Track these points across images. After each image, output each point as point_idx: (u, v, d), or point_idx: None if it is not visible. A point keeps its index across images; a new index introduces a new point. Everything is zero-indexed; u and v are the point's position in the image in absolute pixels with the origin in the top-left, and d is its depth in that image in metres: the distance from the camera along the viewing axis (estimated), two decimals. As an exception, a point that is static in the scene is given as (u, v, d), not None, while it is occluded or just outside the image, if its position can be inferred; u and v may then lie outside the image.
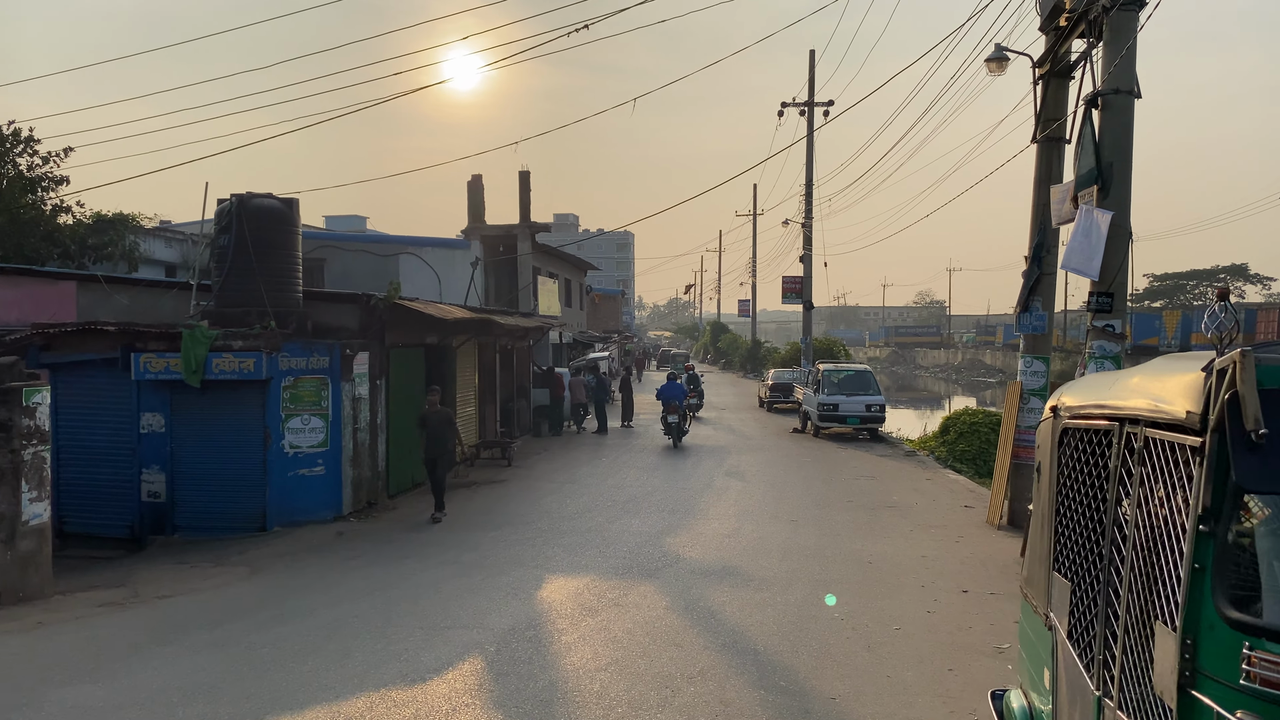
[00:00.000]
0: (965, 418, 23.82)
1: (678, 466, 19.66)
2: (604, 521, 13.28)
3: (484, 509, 14.64)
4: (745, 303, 73.79)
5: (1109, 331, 11.08)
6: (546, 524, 13.16)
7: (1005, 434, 13.72)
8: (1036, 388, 13.43)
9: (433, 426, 13.97)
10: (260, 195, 14.27)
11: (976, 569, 10.53)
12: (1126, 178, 11.07)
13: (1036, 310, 13.44)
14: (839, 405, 25.56)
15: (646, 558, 10.83)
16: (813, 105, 38.79)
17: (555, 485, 16.95)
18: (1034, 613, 3.82)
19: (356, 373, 14.38)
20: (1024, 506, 13.44)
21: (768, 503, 15.14)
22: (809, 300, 38.81)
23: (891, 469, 19.79)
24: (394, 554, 11.41)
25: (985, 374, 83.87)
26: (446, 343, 18.18)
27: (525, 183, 31.79)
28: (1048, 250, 13.38)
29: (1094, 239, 10.99)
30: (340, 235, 31.80)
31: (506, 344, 23.50)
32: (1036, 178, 13.51)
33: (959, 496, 16.12)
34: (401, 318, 15.30)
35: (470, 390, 20.30)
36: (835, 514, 14.17)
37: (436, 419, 14.03)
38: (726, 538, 12.10)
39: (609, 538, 12.04)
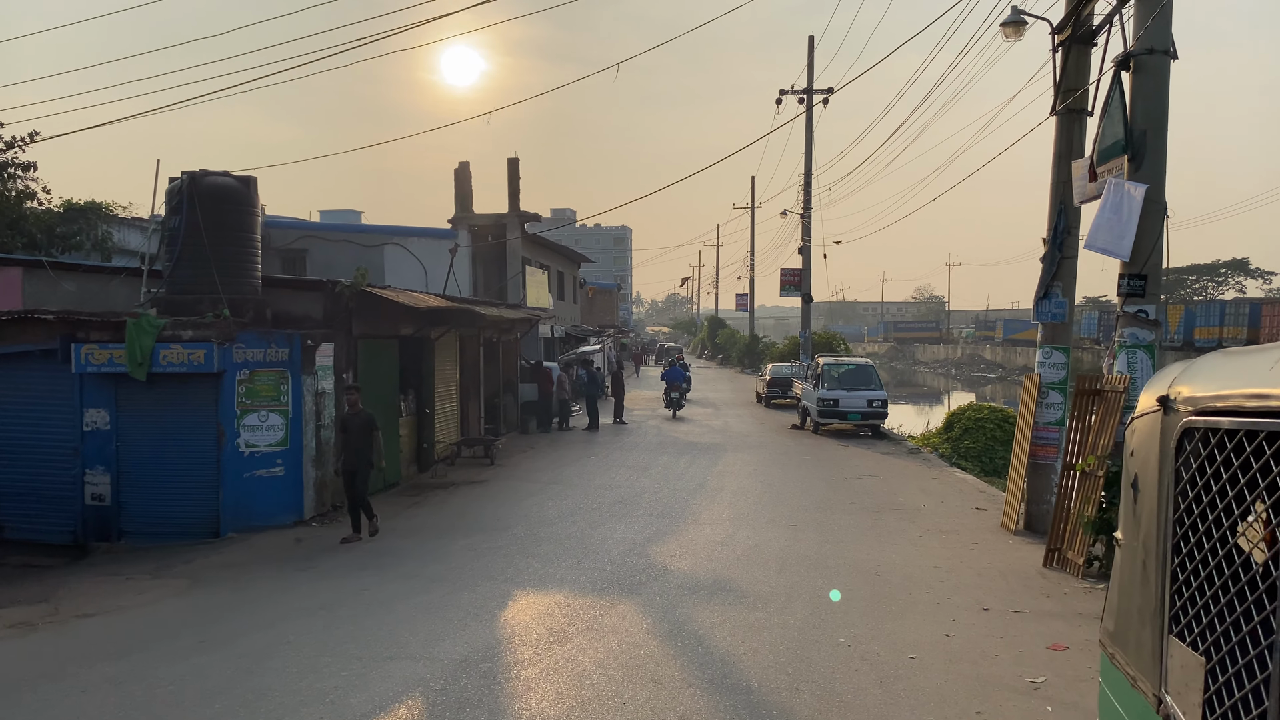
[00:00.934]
0: (970, 413, 22.79)
1: (670, 466, 18.58)
2: (587, 527, 12.20)
3: (458, 512, 13.56)
4: (743, 297, 72.72)
5: (1142, 318, 10.00)
6: (524, 530, 12.09)
7: (1022, 431, 12.65)
8: (1056, 381, 12.36)
9: (352, 432, 11.89)
10: (214, 173, 13.17)
11: (995, 581, 9.46)
12: (1161, 147, 9.99)
13: (1057, 297, 12.36)
14: (839, 401, 24.49)
15: (629, 570, 9.75)
16: (811, 93, 37.65)
17: (538, 486, 15.87)
18: (1130, 687, 2.73)
19: (320, 365, 13.29)
20: (1042, 510, 12.38)
21: (764, 505, 14.07)
22: (808, 293, 37.70)
23: (895, 467, 18.73)
24: (352, 564, 10.33)
25: (985, 369, 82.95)
26: (423, 334, 17.09)
27: (514, 171, 30.72)
28: (1068, 232, 12.29)
29: (1124, 215, 9.91)
30: (322, 225, 30.71)
31: (492, 337, 22.40)
32: (1056, 153, 12.43)
33: (969, 498, 15.06)
34: (371, 306, 14.21)
35: (451, 385, 19.22)
36: (837, 517, 13.10)
37: (357, 423, 11.93)
38: (719, 545, 11.02)
39: (590, 546, 10.96)
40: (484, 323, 20.38)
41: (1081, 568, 9.66)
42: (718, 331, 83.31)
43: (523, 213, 30.32)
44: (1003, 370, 78.66)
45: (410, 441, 16.82)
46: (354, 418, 12.00)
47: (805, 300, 37.96)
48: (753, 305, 67.88)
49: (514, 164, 30.53)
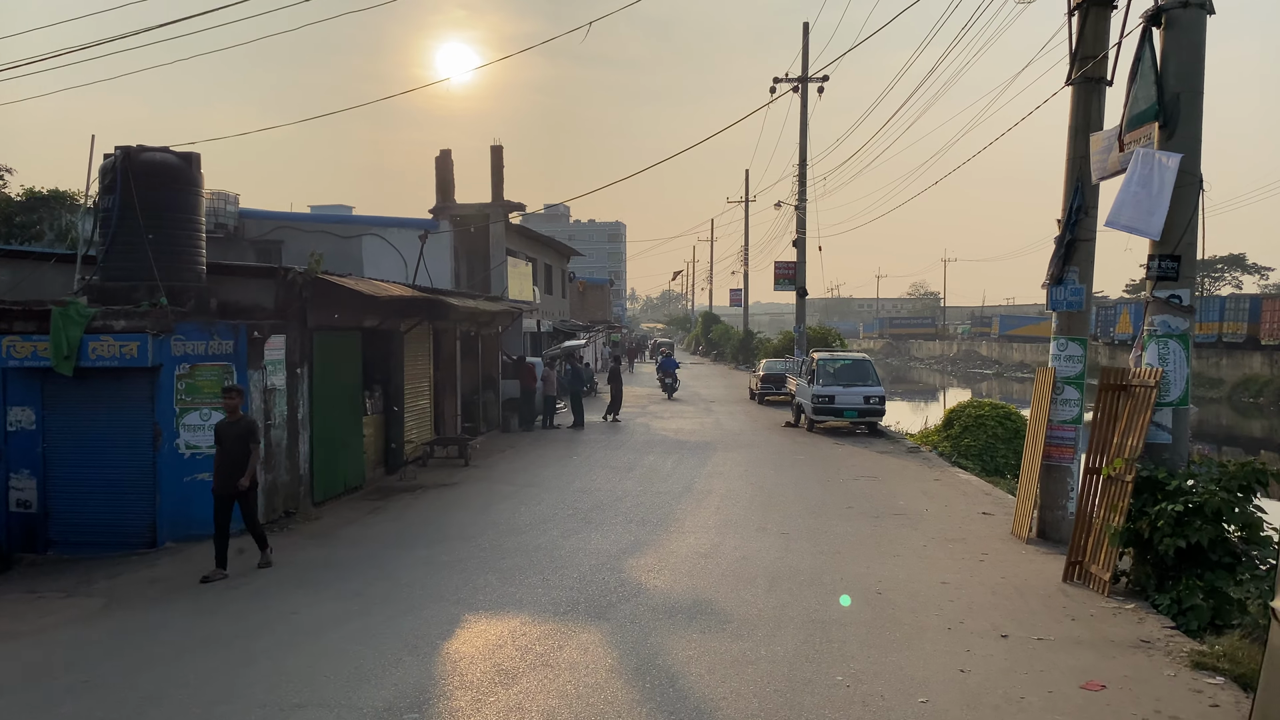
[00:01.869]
0: (970, 410, 21.74)
1: (656, 467, 17.50)
2: (559, 537, 11.11)
3: (421, 520, 12.46)
4: (737, 292, 71.62)
5: (1174, 304, 8.93)
6: (489, 540, 10.99)
7: (1034, 430, 11.59)
8: (1072, 375, 11.29)
9: (228, 444, 9.71)
10: (151, 149, 12.04)
11: (1012, 601, 8.40)
12: (1196, 112, 8.91)
13: (1072, 283, 11.29)
14: (835, 397, 23.41)
15: (599, 588, 8.66)
16: (806, 80, 36.56)
17: (513, 489, 14.78)
18: None
19: (269, 359, 12.18)
20: (1056, 516, 11.32)
21: (755, 510, 13.00)
22: (802, 286, 36.60)
23: (894, 468, 17.67)
24: (291, 580, 9.22)
25: (981, 365, 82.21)
26: (391, 327, 15.98)
27: (498, 159, 29.55)
28: (1085, 212, 11.22)
29: (1155, 188, 8.84)
30: (298, 216, 29.55)
31: (469, 330, 21.29)
32: (1072, 127, 11.36)
33: (974, 501, 14.01)
34: (328, 296, 13.10)
35: (424, 381, 18.11)
36: (833, 524, 12.04)
37: (233, 434, 9.72)
38: (702, 558, 9.94)
39: (559, 559, 9.87)
40: (458, 315, 19.28)
41: (1107, 584, 8.60)
42: (711, 327, 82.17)
43: (507, 202, 29.16)
44: (999, 366, 77.94)
45: (376, 441, 15.72)
46: (230, 427, 9.76)
47: (800, 294, 36.87)
48: (747, 300, 66.76)
49: (498, 151, 29.38)
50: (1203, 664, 6.49)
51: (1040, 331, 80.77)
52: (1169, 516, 8.06)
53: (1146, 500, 8.48)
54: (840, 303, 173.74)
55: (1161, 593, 8.26)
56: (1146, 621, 7.69)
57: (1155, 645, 7.02)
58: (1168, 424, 8.81)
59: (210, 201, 27.85)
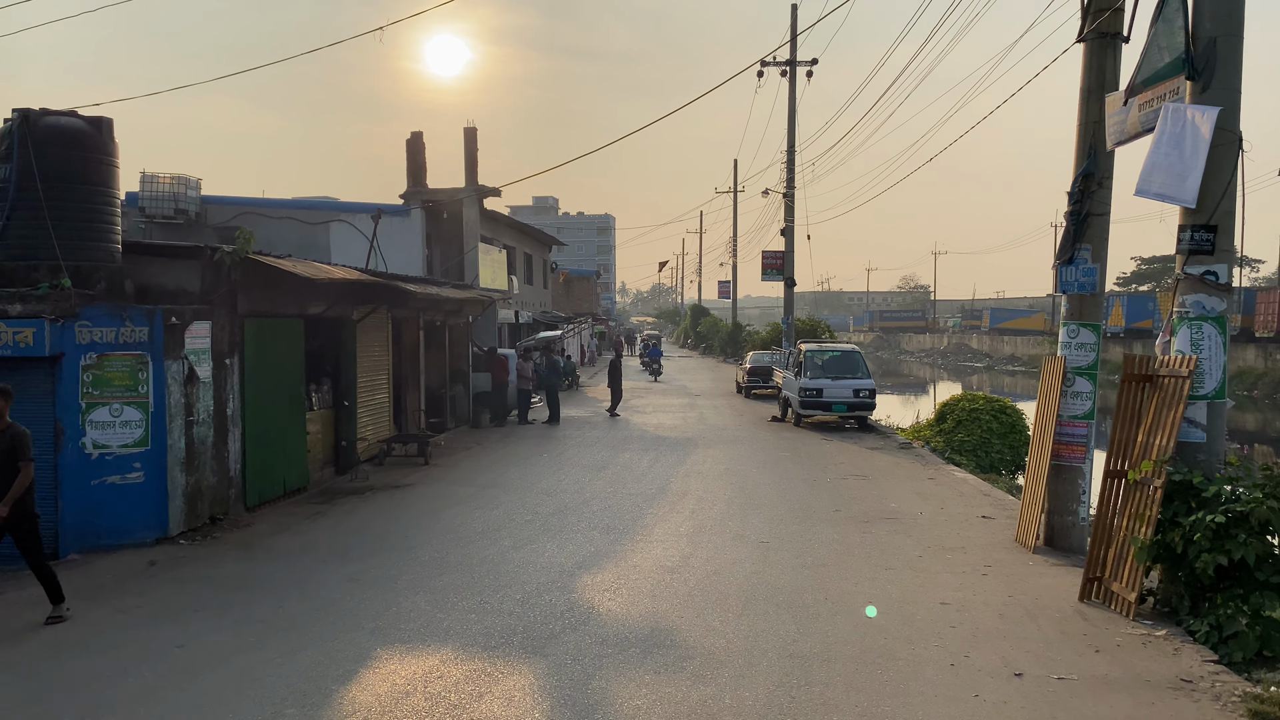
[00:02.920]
0: (964, 404, 20.61)
1: (630, 465, 16.30)
2: (510, 547, 9.89)
3: (361, 527, 11.22)
4: (726, 284, 70.44)
5: (1210, 282, 7.77)
6: (431, 552, 9.77)
7: (1041, 426, 10.43)
8: (1084, 365, 10.13)
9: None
10: (55, 112, 10.74)
11: (1024, 626, 7.23)
12: (1236, 58, 7.73)
13: (1084, 262, 10.13)
14: (823, 390, 22.24)
15: (543, 613, 7.45)
16: (794, 64, 35.40)
17: (471, 491, 13.55)
18: None
19: (191, 348, 10.91)
20: (1067, 522, 10.17)
21: (733, 514, 11.81)
22: (790, 276, 35.46)
23: (885, 465, 16.51)
24: (191, 602, 7.98)
25: (972, 358, 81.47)
26: (342, 314, 14.72)
27: (472, 141, 28.18)
28: (1099, 182, 10.05)
29: (1188, 149, 7.67)
30: (262, 201, 28.12)
31: (435, 319, 20.03)
32: (1084, 88, 10.18)
33: (972, 502, 12.85)
34: (262, 278, 11.83)
35: (381, 374, 16.85)
36: (819, 530, 10.86)
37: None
38: (669, 573, 8.74)
39: (504, 576, 8.65)
40: (420, 302, 18.02)
41: (1133, 605, 7.44)
42: (700, 320, 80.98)
43: (481, 187, 27.83)
44: (990, 359, 77.17)
45: (324, 439, 14.45)
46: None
47: (788, 284, 35.74)
48: (735, 292, 65.61)
49: (471, 134, 28.03)
50: (1263, 714, 5.33)
51: (1031, 325, 79.95)
52: (1207, 528, 6.91)
53: (1179, 508, 7.33)
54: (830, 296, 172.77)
55: (1197, 617, 7.11)
56: (1183, 653, 6.54)
57: (1199, 687, 5.86)
58: (1202, 420, 7.65)
59: (170, 187, 26.49)
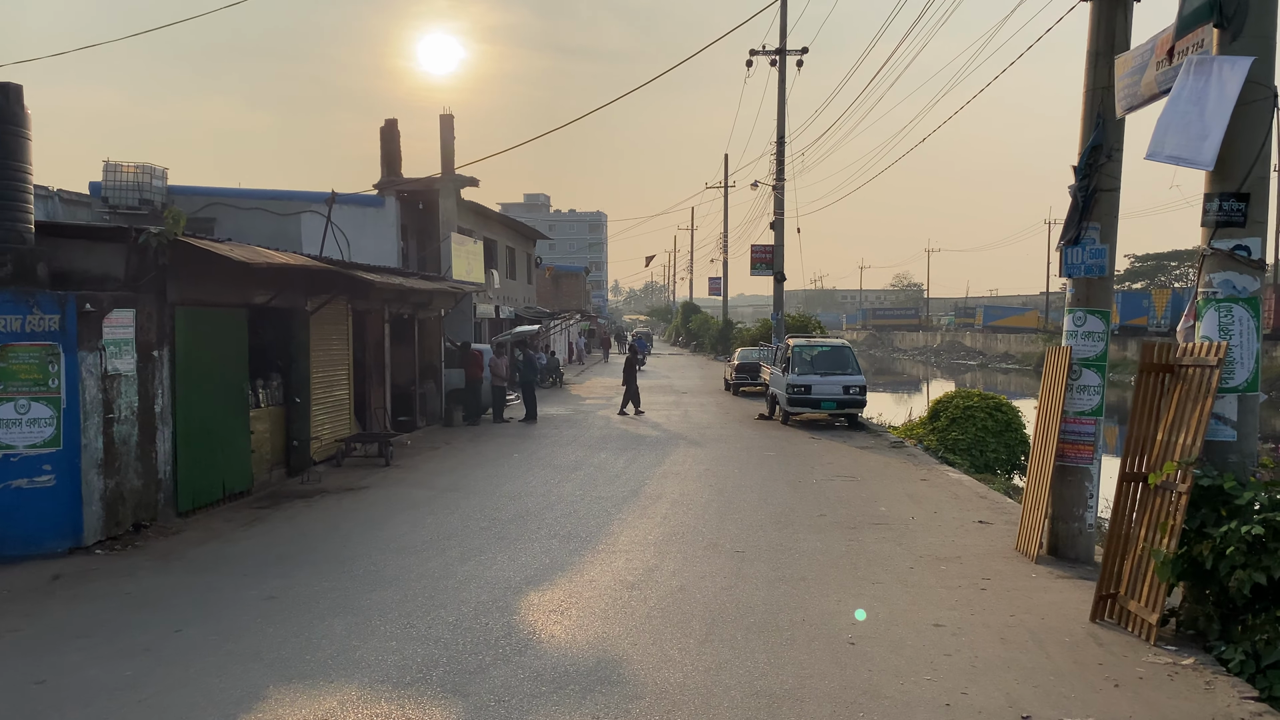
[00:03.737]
0: (958, 401, 19.72)
1: (605, 466, 15.34)
2: (455, 559, 8.90)
3: (299, 535, 10.22)
4: (717, 281, 69.48)
5: (1241, 258, 6.81)
6: (367, 564, 8.78)
7: (1044, 423, 9.48)
8: (1091, 356, 9.18)
9: None
10: (-44, 77, 9.72)
11: (1030, 654, 6.28)
12: (1271, 2, 6.80)
13: (1091, 243, 9.18)
14: (811, 387, 21.31)
15: (474, 641, 6.46)
16: (784, 53, 34.42)
17: (429, 495, 12.57)
18: None
19: (111, 338, 9.90)
20: (1073, 529, 9.23)
21: (708, 520, 10.85)
22: (780, 271, 34.48)
23: (876, 465, 15.57)
24: (81, 624, 6.98)
25: (965, 356, 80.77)
26: (293, 304, 13.71)
27: (448, 128, 27.21)
28: (1108, 155, 9.10)
29: (1209, 107, 6.70)
30: (232, 191, 27.07)
31: (403, 312, 19.02)
32: (1091, 51, 9.23)
33: (968, 506, 11.92)
34: (194, 263, 10.82)
35: (341, 369, 15.82)
36: (801, 538, 9.90)
37: None
38: (628, 589, 7.77)
39: (443, 593, 7.67)
40: (385, 294, 17.01)
41: (1154, 628, 6.49)
42: (691, 318, 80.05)
43: (458, 176, 26.88)
44: (983, 357, 76.47)
45: (273, 439, 13.44)
46: None
47: (778, 279, 34.76)
48: (726, 288, 64.64)
49: (447, 121, 27.05)
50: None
51: (1024, 322, 79.23)
52: (1241, 540, 5.97)
53: (1207, 517, 6.39)
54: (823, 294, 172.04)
55: (1229, 642, 6.17)
56: (1217, 688, 5.59)
57: (1242, 733, 4.91)
58: (1232, 416, 6.71)
59: (134, 176, 25.51)
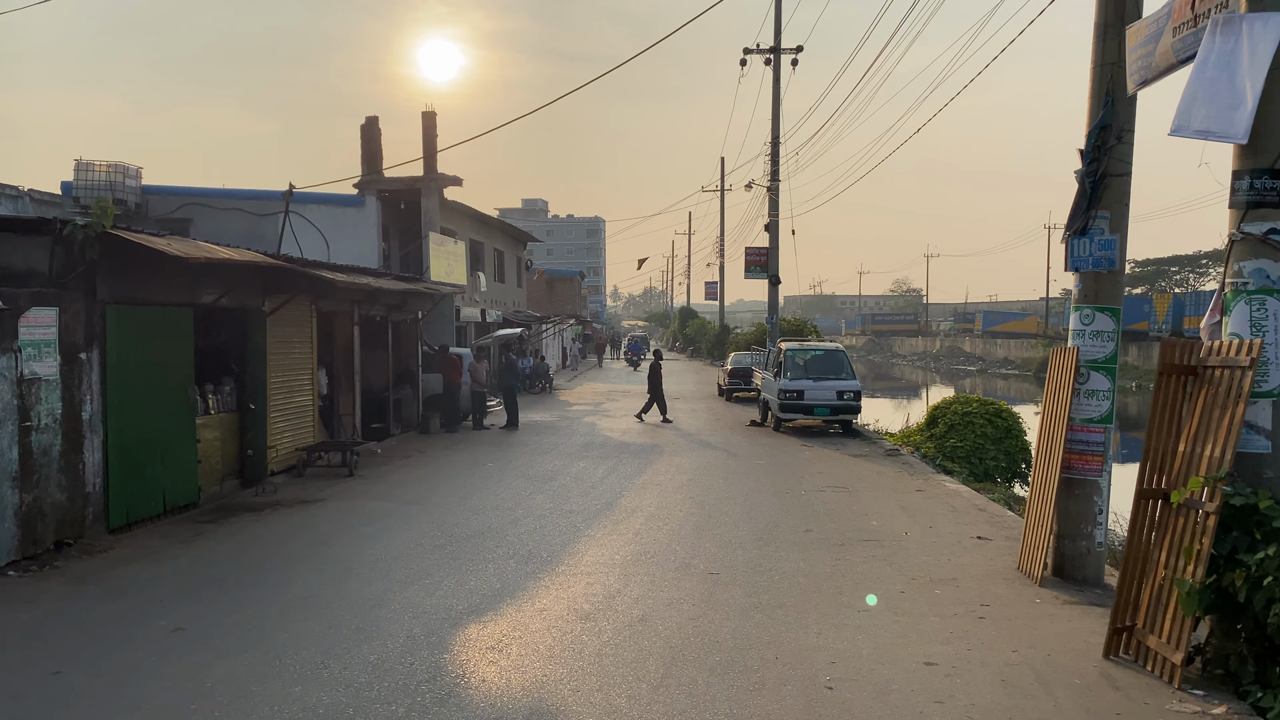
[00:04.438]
0: (957, 407, 18.91)
1: (583, 476, 14.49)
2: (398, 583, 8.05)
3: (237, 553, 9.36)
4: (713, 285, 68.69)
5: (1275, 243, 5.96)
6: (302, 589, 7.92)
7: (1049, 431, 8.64)
8: (1100, 357, 8.35)
9: None
10: None
11: (1035, 700, 5.43)
12: (1308, -48, 5.97)
13: (1100, 233, 8.36)
14: (804, 392, 20.47)
15: (394, 684, 5.60)
16: (779, 52, 33.66)
17: (389, 508, 11.72)
18: None
19: (29, 339, 9.06)
20: (1080, 549, 8.39)
21: (683, 537, 9.99)
22: (775, 274, 33.65)
23: (869, 475, 14.73)
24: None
25: (965, 361, 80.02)
26: (248, 304, 12.88)
27: (430, 126, 26.42)
28: (1119, 136, 8.28)
29: (1240, 72, 5.88)
30: (209, 191, 26.28)
31: (374, 314, 18.18)
32: (1099, 23, 8.42)
33: (965, 519, 11.08)
34: (128, 258, 9.99)
35: (304, 373, 14.97)
36: (783, 557, 9.05)
37: None
38: (582, 620, 6.90)
39: (373, 624, 6.81)
40: (353, 294, 16.18)
41: (1178, 669, 5.64)
42: (688, 323, 79.25)
43: (441, 175, 26.07)
44: (983, 363, 75.72)
45: (224, 448, 12.59)
46: None
47: (773, 282, 33.93)
48: (722, 293, 63.82)
49: (429, 118, 26.25)
50: None
51: (1024, 328, 78.43)
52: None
53: (1239, 541, 5.55)
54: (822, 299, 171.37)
55: (1266, 687, 5.32)
56: (1257, 745, 4.74)
57: (1295, 808, 4.06)
58: (1266, 425, 5.86)
59: (106, 175, 24.80)
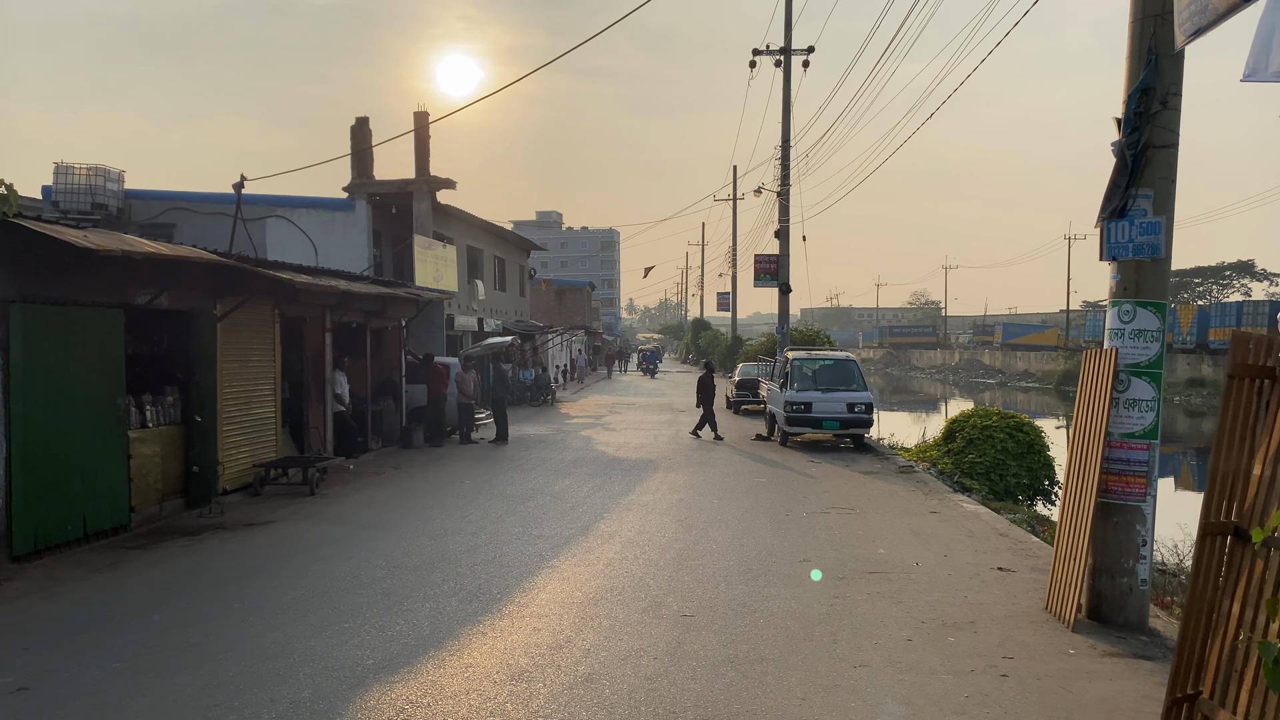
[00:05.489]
0: (976, 420, 17.61)
1: (564, 495, 13.28)
2: (311, 629, 6.84)
3: (147, 586, 8.18)
4: (725, 296, 67.45)
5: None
6: (194, 634, 6.74)
7: (1083, 449, 7.36)
8: (1143, 361, 7.08)
9: None
10: None
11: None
12: None
13: (1141, 215, 7.10)
14: (812, 404, 19.20)
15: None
16: (789, 52, 32.47)
17: (340, 533, 10.54)
18: None
19: (-90, 343, 7.97)
20: (1120, 586, 7.10)
21: (662, 568, 8.75)
22: (785, 282, 32.35)
23: (879, 495, 13.43)
24: None
25: (984, 375, 78.43)
26: (193, 307, 11.78)
27: (422, 127, 25.36)
28: (1163, 100, 7.03)
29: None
30: (193, 195, 25.36)
31: (350, 320, 17.06)
32: (1140, -28, 7.18)
33: (985, 546, 9.78)
34: (34, 251, 8.89)
35: (264, 383, 13.84)
36: (771, 594, 7.79)
37: None
38: (511, 682, 5.67)
39: (254, 685, 5.61)
40: (327, 299, 15.06)
41: (1262, 758, 4.34)
42: (700, 334, 77.97)
43: (433, 178, 25.02)
44: (1002, 376, 74.11)
45: (166, 464, 11.44)
46: None
47: (783, 290, 32.62)
48: (735, 303, 62.56)
49: (421, 118, 25.20)
50: None
51: (1044, 340, 76.65)
52: (1405, 635, 3.84)
53: (1343, 594, 4.26)
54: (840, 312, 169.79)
55: (1387, 790, 4.02)
56: None
57: None
58: (1373, 441, 4.58)
59: (86, 179, 23.92)
